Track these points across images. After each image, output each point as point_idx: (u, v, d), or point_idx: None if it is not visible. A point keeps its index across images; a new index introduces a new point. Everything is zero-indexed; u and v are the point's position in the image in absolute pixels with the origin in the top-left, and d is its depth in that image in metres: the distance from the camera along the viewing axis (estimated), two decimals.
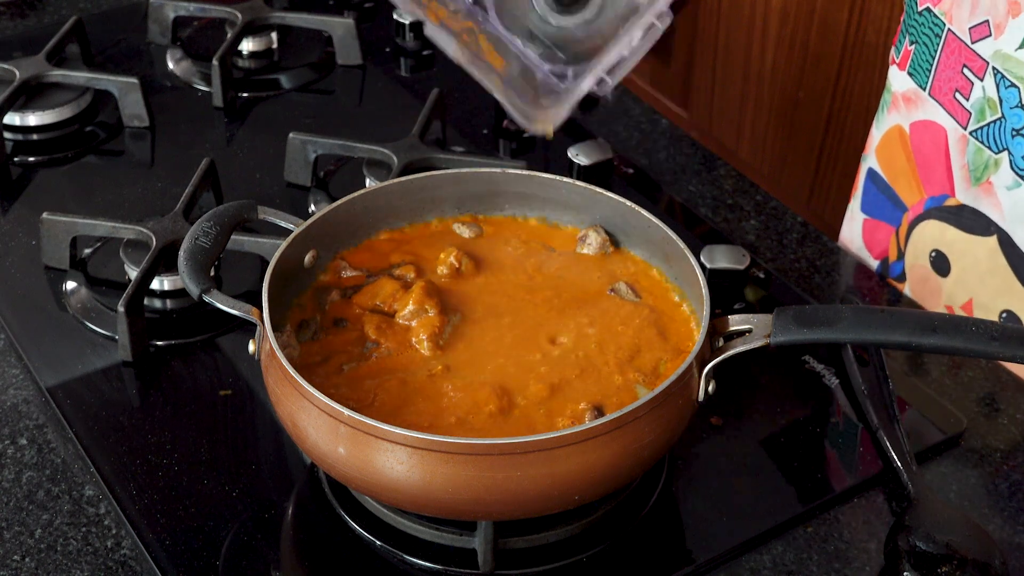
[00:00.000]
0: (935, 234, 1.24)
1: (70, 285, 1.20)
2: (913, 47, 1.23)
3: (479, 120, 1.44)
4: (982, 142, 1.16)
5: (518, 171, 1.11)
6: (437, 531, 0.96)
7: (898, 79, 1.26)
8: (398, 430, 0.86)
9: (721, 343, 0.95)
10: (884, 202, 1.30)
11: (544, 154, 1.40)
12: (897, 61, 1.27)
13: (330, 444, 0.89)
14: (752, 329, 0.94)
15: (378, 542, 0.97)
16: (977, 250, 1.19)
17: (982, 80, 1.14)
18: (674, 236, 1.02)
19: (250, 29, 1.52)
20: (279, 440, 1.06)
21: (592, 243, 1.08)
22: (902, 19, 1.27)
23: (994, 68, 1.13)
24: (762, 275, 1.23)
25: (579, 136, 1.39)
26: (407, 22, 1.55)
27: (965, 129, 1.17)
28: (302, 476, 1.03)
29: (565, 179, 1.09)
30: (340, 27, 1.52)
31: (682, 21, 2.48)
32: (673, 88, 2.59)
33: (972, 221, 1.20)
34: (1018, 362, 0.90)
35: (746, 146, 2.42)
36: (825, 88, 2.09)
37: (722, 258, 1.20)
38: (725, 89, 2.42)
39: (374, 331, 0.99)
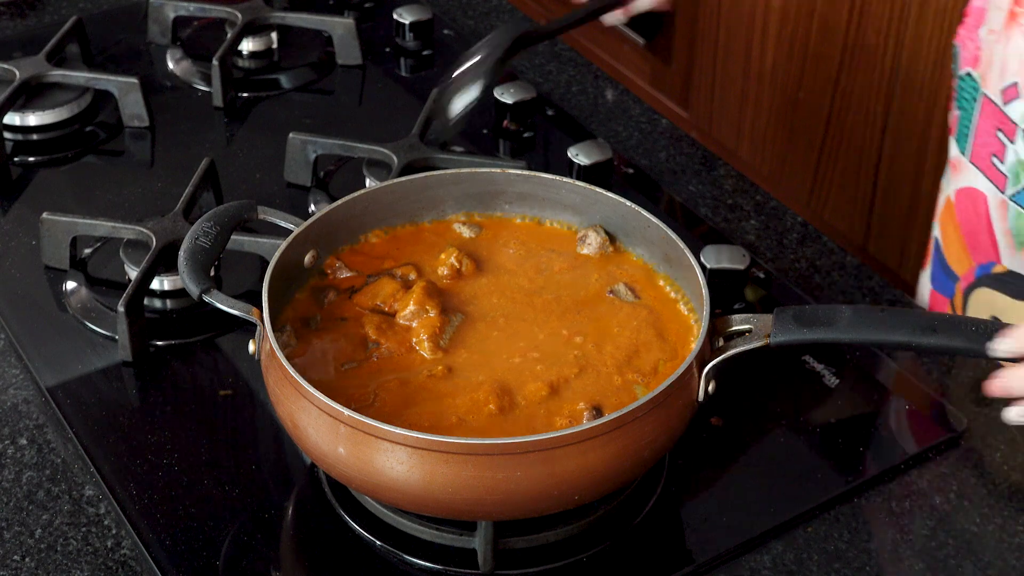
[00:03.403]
0: (988, 301, 1.21)
1: (70, 285, 1.20)
2: (958, 112, 1.20)
3: (479, 120, 1.44)
4: (1021, 205, 1.13)
5: (518, 171, 1.11)
6: (437, 531, 0.96)
7: (952, 147, 1.23)
8: (398, 430, 0.86)
9: (721, 343, 0.95)
10: (941, 274, 1.27)
11: (544, 154, 1.40)
12: (950, 128, 1.23)
13: (330, 444, 0.89)
14: (752, 329, 0.94)
15: (378, 542, 0.97)
16: None
17: (1014, 143, 1.11)
18: (674, 236, 1.02)
19: (250, 29, 1.51)
20: (279, 440, 1.06)
21: (592, 243, 1.08)
22: (952, 86, 1.22)
23: (1023, 130, 1.10)
24: (762, 275, 1.23)
25: (579, 136, 1.39)
26: (407, 22, 1.56)
27: (1003, 194, 1.14)
28: (302, 476, 1.03)
29: (565, 179, 1.09)
30: (340, 27, 1.52)
31: (682, 21, 2.48)
32: (673, 88, 2.59)
33: (1019, 287, 1.17)
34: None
35: (746, 146, 2.42)
36: (825, 88, 2.09)
37: (722, 258, 1.20)
38: (725, 89, 2.42)
39: (375, 331, 0.99)
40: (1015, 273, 1.17)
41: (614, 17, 1.10)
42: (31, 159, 1.38)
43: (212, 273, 0.98)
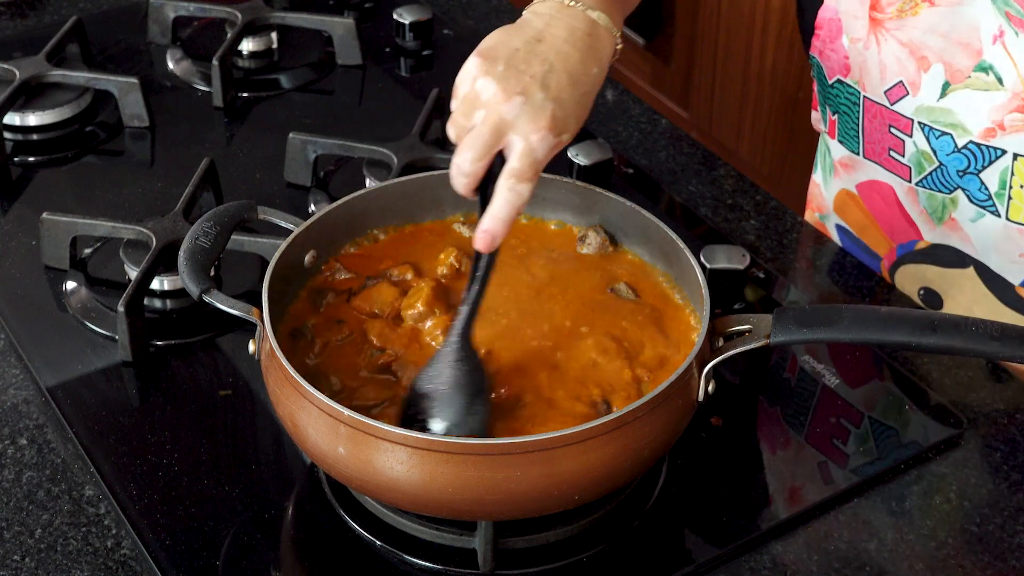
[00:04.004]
0: (917, 274, 1.26)
1: (70, 285, 1.20)
2: (836, 116, 1.25)
3: None
4: (931, 188, 1.18)
5: None
6: (437, 531, 0.96)
7: (834, 147, 1.29)
8: (398, 430, 0.86)
9: (721, 343, 0.95)
10: (859, 251, 1.32)
11: None
12: (826, 130, 1.28)
13: (330, 444, 0.89)
14: (752, 329, 0.94)
15: (378, 542, 0.97)
16: (960, 281, 1.22)
17: (911, 136, 1.16)
18: (674, 236, 1.02)
19: (250, 29, 1.51)
20: (279, 440, 1.06)
21: (592, 243, 1.08)
22: (815, 89, 1.28)
23: (920, 123, 1.15)
24: (762, 275, 1.23)
25: (579, 136, 1.39)
26: (407, 22, 1.56)
27: (909, 182, 1.20)
28: (302, 476, 1.03)
29: (565, 179, 1.09)
30: (340, 27, 1.52)
31: (682, 21, 2.49)
32: (673, 88, 2.59)
33: (947, 256, 1.22)
34: (1018, 362, 0.90)
35: (746, 146, 2.42)
36: None
37: (722, 258, 1.20)
38: (725, 89, 2.43)
39: (376, 336, 0.99)
40: (939, 245, 1.22)
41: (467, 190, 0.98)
42: (31, 159, 1.38)
43: (212, 273, 0.98)
